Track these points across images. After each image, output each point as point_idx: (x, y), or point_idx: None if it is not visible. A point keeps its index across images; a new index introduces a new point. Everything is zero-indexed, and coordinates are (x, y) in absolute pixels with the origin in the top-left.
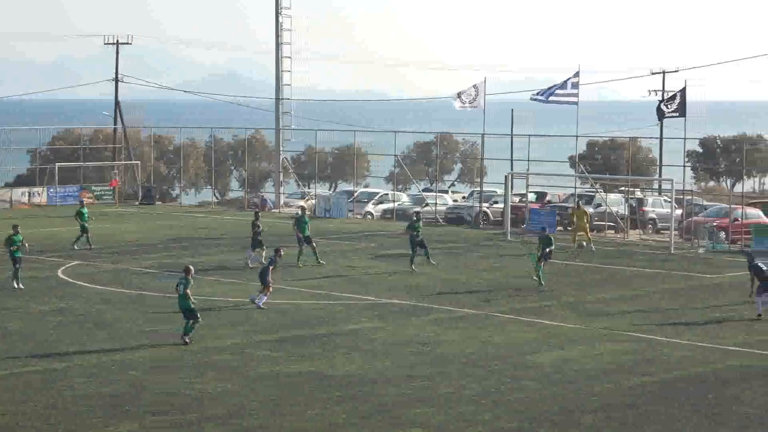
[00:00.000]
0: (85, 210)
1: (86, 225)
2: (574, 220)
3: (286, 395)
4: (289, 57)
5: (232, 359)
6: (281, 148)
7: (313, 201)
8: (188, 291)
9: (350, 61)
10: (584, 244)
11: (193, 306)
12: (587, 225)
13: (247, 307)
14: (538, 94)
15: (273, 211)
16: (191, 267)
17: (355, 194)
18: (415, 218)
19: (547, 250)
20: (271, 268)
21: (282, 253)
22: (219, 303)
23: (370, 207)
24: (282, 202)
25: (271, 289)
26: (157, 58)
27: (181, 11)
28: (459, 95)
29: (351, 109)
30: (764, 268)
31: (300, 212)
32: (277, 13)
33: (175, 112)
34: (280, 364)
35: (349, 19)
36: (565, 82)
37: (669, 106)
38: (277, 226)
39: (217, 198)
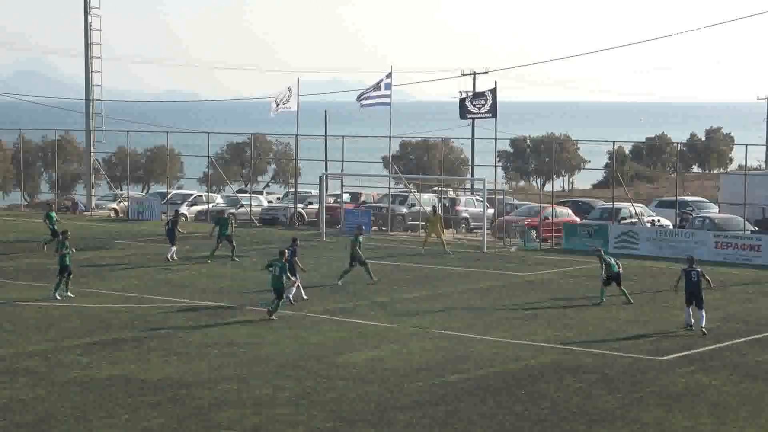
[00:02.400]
0: (54, 213)
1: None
2: (428, 225)
3: (96, 401)
4: (99, 57)
5: (41, 365)
6: (92, 150)
7: (126, 203)
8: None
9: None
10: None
11: (284, 285)
12: (442, 230)
13: (56, 312)
14: (360, 99)
15: (85, 213)
16: (286, 250)
17: (169, 196)
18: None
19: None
20: (296, 259)
21: (299, 242)
22: (29, 307)
23: (183, 208)
24: (94, 204)
25: (298, 281)
26: None
27: None
28: (275, 100)
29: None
30: (695, 278)
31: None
32: (86, 13)
33: None
34: (90, 369)
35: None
36: (379, 83)
37: (478, 107)
38: (91, 228)
39: (26, 201)
